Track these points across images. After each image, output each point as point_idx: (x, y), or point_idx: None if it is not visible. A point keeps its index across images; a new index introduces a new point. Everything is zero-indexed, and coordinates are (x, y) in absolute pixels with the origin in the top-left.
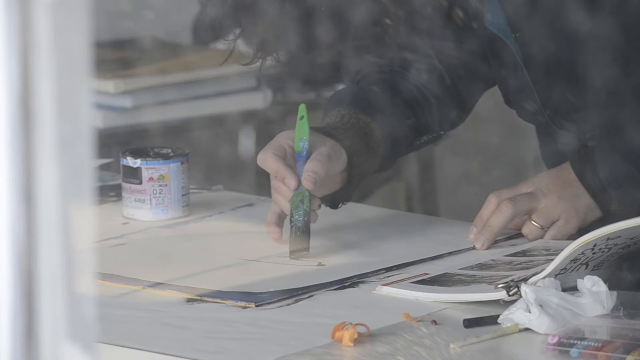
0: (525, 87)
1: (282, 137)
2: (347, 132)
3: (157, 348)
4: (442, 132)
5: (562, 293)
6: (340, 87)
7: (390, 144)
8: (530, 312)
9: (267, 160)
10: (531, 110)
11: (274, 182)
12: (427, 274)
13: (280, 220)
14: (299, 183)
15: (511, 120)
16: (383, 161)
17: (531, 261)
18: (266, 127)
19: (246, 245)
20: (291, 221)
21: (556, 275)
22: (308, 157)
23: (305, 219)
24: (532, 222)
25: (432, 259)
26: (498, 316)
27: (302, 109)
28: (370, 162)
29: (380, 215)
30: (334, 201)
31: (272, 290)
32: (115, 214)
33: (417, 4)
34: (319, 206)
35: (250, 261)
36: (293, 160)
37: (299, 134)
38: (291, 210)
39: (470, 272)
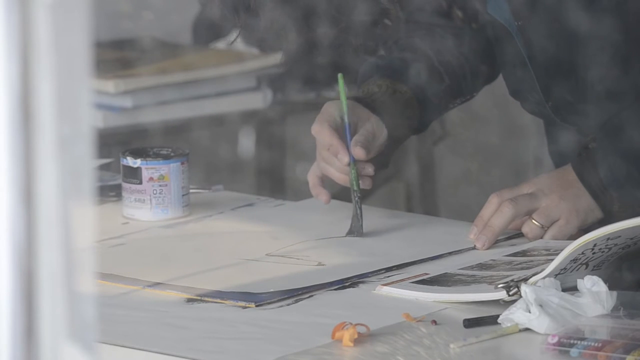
0: (528, 78)
1: (331, 107)
2: (385, 104)
3: (157, 348)
4: (475, 94)
5: (562, 293)
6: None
7: (425, 110)
8: (530, 312)
9: (323, 132)
10: (534, 101)
11: (324, 153)
12: (427, 274)
13: (323, 182)
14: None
15: (511, 120)
16: (417, 127)
17: (531, 261)
18: (266, 127)
19: (246, 245)
20: (354, 197)
21: (556, 275)
22: (350, 129)
23: (359, 197)
24: (533, 220)
25: (432, 259)
26: (498, 316)
27: (340, 81)
28: (407, 131)
29: (380, 215)
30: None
31: (272, 290)
32: (115, 214)
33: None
34: (373, 171)
35: (250, 261)
36: (344, 134)
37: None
38: (353, 186)
39: (470, 272)
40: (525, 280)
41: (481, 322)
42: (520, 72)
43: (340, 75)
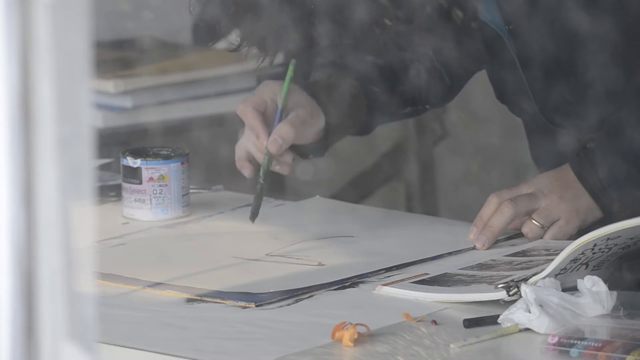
0: (518, 82)
1: (266, 88)
2: (329, 91)
3: (157, 348)
4: (427, 107)
5: (562, 293)
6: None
7: (373, 108)
8: (530, 312)
9: (246, 113)
10: (524, 106)
11: (247, 131)
12: (427, 274)
13: (250, 156)
14: None
15: (511, 120)
16: (363, 125)
17: (531, 261)
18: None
19: (246, 245)
20: (258, 183)
21: (556, 275)
22: (282, 117)
23: (262, 182)
24: (533, 221)
25: (432, 259)
26: (498, 316)
27: (291, 69)
28: (350, 123)
29: (380, 215)
30: (304, 152)
31: (272, 290)
32: (115, 214)
33: (413, 2)
34: (293, 159)
35: (250, 261)
36: (272, 116)
37: (284, 92)
38: (262, 171)
39: (470, 272)
40: (525, 280)
41: (481, 322)
42: (510, 76)
43: (292, 62)
